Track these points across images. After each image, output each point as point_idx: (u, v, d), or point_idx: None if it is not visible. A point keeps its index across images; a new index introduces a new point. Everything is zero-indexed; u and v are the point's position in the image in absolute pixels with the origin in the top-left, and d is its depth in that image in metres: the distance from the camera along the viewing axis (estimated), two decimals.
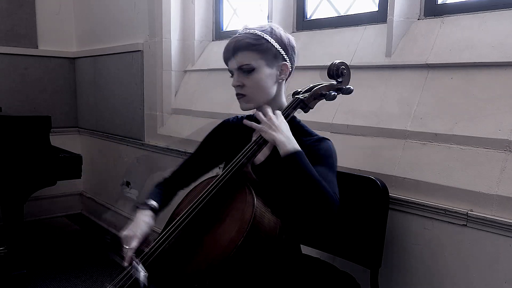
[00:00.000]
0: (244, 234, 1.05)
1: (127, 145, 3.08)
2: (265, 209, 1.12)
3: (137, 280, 1.08)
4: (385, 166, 1.55)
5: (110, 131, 3.29)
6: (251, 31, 1.27)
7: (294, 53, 1.32)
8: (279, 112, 1.22)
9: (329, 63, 1.31)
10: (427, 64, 1.56)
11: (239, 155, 1.20)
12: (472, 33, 1.50)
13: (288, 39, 1.30)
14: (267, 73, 1.26)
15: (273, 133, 1.14)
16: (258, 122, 1.22)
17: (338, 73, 1.29)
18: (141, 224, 1.24)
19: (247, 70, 1.25)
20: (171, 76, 2.74)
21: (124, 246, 1.19)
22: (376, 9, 1.85)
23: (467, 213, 1.32)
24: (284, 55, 1.28)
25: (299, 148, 1.13)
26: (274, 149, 1.21)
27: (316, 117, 1.81)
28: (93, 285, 2.47)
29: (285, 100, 1.34)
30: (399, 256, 1.51)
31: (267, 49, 1.25)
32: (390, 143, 1.58)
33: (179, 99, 2.74)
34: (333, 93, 1.26)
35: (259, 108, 1.29)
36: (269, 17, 2.18)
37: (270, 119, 1.18)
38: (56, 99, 3.59)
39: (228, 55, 1.27)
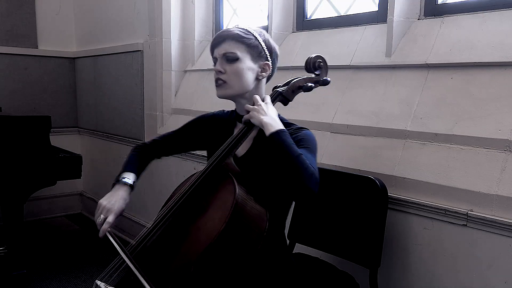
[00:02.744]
0: (226, 221, 1.09)
1: (127, 145, 3.08)
2: (248, 197, 1.16)
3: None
4: (385, 166, 1.55)
5: (110, 131, 3.29)
6: (243, 27, 1.34)
7: (277, 60, 1.38)
8: (268, 98, 1.28)
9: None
10: (427, 64, 1.56)
11: (222, 147, 1.26)
12: (472, 33, 1.50)
13: (274, 46, 1.37)
14: (249, 66, 1.31)
15: (261, 116, 1.21)
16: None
17: (315, 67, 1.34)
18: (120, 200, 1.33)
19: (231, 59, 1.30)
20: (171, 76, 2.74)
21: (101, 215, 1.29)
22: (376, 9, 1.85)
23: (467, 213, 1.32)
24: (268, 56, 1.34)
25: (283, 127, 1.19)
26: (254, 142, 1.30)
27: (316, 117, 1.81)
28: (93, 285, 2.46)
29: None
30: (398, 256, 1.51)
31: (254, 45, 1.31)
32: (390, 143, 1.58)
33: (179, 99, 2.74)
34: (309, 84, 1.32)
35: (238, 98, 1.35)
36: (269, 17, 2.18)
37: (259, 105, 1.24)
38: (56, 99, 3.59)
39: (216, 42, 1.33)
